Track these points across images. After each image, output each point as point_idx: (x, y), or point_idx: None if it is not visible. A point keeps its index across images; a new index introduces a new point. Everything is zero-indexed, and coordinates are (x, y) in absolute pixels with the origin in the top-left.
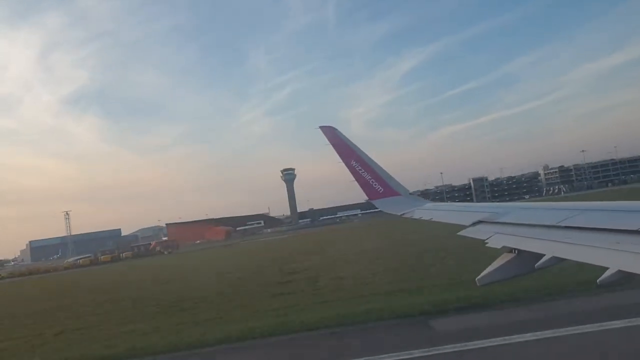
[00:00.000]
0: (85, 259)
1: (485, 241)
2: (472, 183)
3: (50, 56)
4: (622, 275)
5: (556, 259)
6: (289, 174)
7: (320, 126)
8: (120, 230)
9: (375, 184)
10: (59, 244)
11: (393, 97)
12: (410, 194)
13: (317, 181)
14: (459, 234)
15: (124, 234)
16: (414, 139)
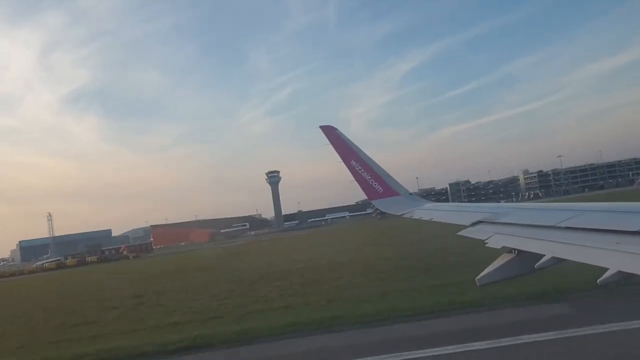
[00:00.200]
0: (52, 263)
1: (485, 241)
2: (449, 187)
3: (51, 55)
4: (622, 276)
5: (556, 260)
6: (273, 177)
7: (320, 125)
8: (110, 230)
9: (375, 184)
10: (48, 244)
11: (393, 97)
12: (410, 194)
13: (317, 181)
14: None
15: (116, 234)
16: (414, 139)
